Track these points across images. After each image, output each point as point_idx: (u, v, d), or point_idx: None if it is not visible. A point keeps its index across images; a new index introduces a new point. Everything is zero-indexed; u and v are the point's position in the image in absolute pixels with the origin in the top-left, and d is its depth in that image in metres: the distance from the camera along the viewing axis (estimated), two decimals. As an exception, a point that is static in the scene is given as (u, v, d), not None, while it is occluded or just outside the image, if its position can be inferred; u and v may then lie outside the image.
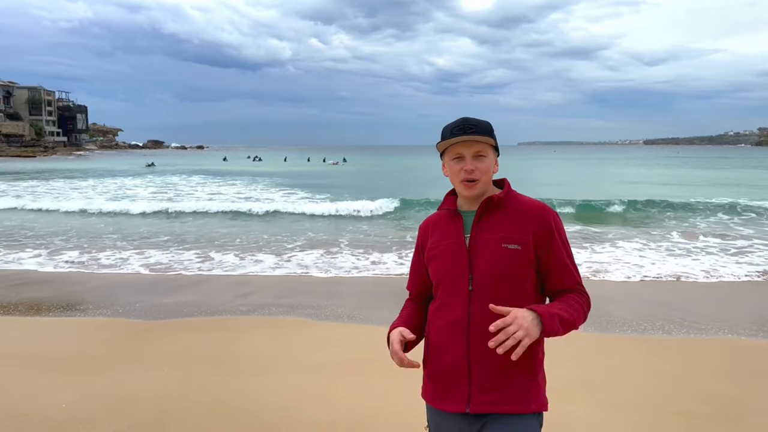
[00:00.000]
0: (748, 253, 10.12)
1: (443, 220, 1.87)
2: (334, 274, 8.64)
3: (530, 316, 1.58)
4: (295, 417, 3.69)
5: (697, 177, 36.64)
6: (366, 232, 13.10)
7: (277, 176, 37.07)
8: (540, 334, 1.59)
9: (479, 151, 1.75)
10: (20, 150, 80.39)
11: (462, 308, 1.73)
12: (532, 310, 1.60)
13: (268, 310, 6.54)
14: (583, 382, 4.24)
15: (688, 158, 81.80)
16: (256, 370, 4.57)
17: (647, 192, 22.61)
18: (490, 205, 1.77)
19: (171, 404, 3.89)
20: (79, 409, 3.78)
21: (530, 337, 1.55)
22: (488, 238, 1.74)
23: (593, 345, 5.13)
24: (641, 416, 3.71)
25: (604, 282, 8.03)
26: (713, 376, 4.42)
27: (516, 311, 1.58)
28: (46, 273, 8.70)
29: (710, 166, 53.89)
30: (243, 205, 17.87)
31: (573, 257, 1.82)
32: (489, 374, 1.70)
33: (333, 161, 63.10)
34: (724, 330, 5.67)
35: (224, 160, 67.44)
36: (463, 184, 1.76)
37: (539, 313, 1.60)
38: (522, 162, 64.69)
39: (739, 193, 22.36)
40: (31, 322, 6.05)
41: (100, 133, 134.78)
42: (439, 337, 1.79)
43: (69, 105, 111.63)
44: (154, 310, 6.53)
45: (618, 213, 16.19)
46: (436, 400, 1.81)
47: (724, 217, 15.33)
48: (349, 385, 4.22)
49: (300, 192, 24.85)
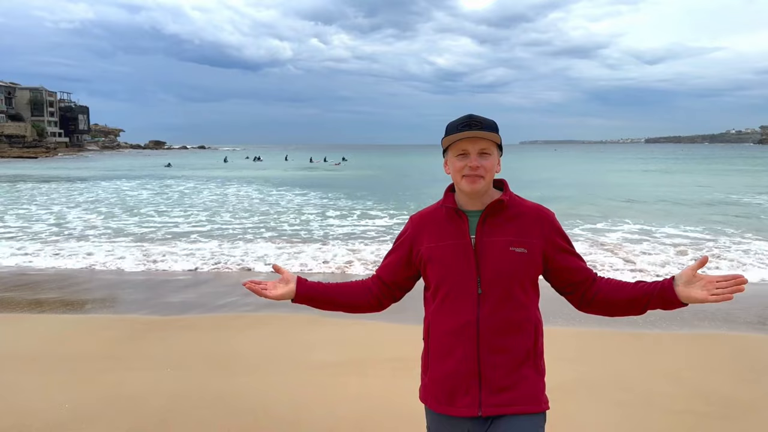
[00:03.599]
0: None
1: (441, 218, 1.82)
2: (335, 273, 8.66)
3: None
4: (297, 416, 3.69)
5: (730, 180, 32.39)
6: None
7: (306, 184, 30.40)
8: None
9: (484, 149, 1.74)
10: (22, 150, 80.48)
11: (471, 311, 1.72)
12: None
13: (269, 309, 6.54)
14: (585, 381, 4.23)
15: (704, 158, 79.49)
16: (258, 369, 4.57)
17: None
18: (497, 208, 1.77)
19: (173, 403, 3.89)
20: (81, 409, 3.79)
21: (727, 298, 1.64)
22: (495, 240, 1.73)
23: (594, 344, 5.12)
24: (643, 415, 3.70)
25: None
26: (716, 374, 4.41)
27: (705, 276, 1.65)
28: (46, 272, 8.72)
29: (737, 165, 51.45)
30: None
31: (575, 248, 1.86)
32: (500, 375, 1.71)
33: (335, 162, 63.08)
34: (726, 326, 5.66)
35: (225, 161, 67.91)
36: (465, 179, 1.74)
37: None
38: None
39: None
40: (32, 322, 6.06)
41: (102, 134, 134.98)
42: (445, 341, 1.77)
43: (71, 105, 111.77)
44: (155, 309, 6.54)
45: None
46: (442, 405, 1.78)
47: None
48: (351, 385, 4.21)
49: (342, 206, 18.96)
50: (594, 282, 1.83)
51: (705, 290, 1.62)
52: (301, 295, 1.91)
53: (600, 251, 10.19)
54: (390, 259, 1.94)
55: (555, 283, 1.86)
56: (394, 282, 1.93)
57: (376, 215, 16.41)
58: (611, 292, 1.79)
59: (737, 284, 1.59)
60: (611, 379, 4.29)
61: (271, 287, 1.89)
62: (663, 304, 1.72)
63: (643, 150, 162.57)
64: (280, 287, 1.90)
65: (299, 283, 1.92)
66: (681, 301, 1.68)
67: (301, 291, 1.91)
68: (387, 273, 1.94)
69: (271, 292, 1.87)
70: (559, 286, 1.86)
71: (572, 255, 1.83)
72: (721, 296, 1.58)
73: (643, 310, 1.76)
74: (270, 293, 1.87)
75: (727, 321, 5.88)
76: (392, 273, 1.92)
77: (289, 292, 1.89)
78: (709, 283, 1.62)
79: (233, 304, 6.83)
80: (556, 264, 1.79)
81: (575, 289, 1.84)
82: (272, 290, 1.88)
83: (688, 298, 1.66)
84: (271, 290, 1.88)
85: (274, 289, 1.89)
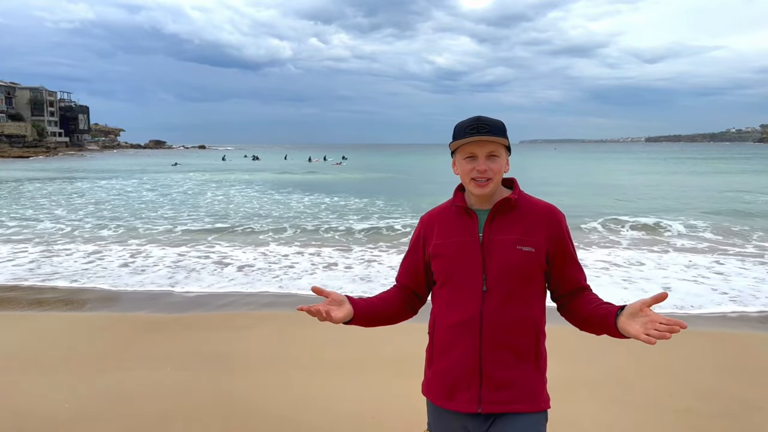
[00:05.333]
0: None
1: (451, 216, 1.84)
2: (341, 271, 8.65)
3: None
4: (297, 416, 3.69)
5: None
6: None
7: (315, 186, 28.81)
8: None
9: (492, 151, 1.74)
10: (22, 150, 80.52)
11: (475, 307, 1.72)
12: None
13: (269, 308, 6.54)
14: (586, 380, 4.23)
15: (706, 158, 76.55)
16: (259, 369, 4.57)
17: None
18: (504, 206, 1.77)
19: (174, 403, 3.89)
20: (82, 409, 3.79)
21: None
22: (502, 238, 1.74)
23: (594, 343, 5.11)
24: (644, 414, 3.70)
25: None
26: (716, 373, 4.40)
27: (651, 313, 1.57)
28: (50, 271, 8.73)
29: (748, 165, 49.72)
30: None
31: (577, 257, 1.85)
32: (501, 373, 1.71)
33: (336, 161, 63.11)
34: (727, 326, 5.66)
35: (223, 159, 68.61)
36: (474, 183, 1.75)
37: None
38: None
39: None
40: (33, 321, 6.07)
41: (102, 134, 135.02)
42: (448, 336, 1.78)
43: (71, 105, 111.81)
44: (156, 309, 6.54)
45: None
46: (442, 399, 1.80)
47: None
48: (351, 385, 4.22)
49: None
50: (581, 292, 1.82)
51: (643, 327, 1.55)
52: (358, 315, 1.81)
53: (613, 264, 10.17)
54: (407, 263, 1.95)
55: (548, 285, 1.85)
56: (417, 284, 1.93)
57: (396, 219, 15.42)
58: (579, 305, 1.79)
59: (675, 327, 1.50)
60: (611, 379, 4.29)
61: (331, 310, 1.75)
62: (605, 330, 1.69)
63: (646, 149, 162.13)
64: (336, 310, 1.76)
65: (352, 303, 1.81)
66: (618, 332, 1.63)
67: (357, 311, 1.81)
68: (407, 277, 1.95)
69: (335, 314, 1.74)
70: (550, 288, 1.86)
71: (572, 263, 1.82)
72: (655, 337, 1.49)
73: (594, 331, 1.74)
74: (334, 316, 1.73)
75: (727, 321, 5.88)
76: (413, 276, 1.93)
77: (347, 314, 1.78)
78: (650, 322, 1.54)
79: (233, 303, 6.83)
80: (555, 267, 1.79)
81: (560, 295, 1.85)
82: (334, 313, 1.74)
83: (624, 331, 1.60)
84: (333, 313, 1.74)
85: (336, 312, 1.75)
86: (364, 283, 7.93)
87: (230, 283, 7.94)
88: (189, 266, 9.14)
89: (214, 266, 9.13)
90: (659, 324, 1.52)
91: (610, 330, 1.66)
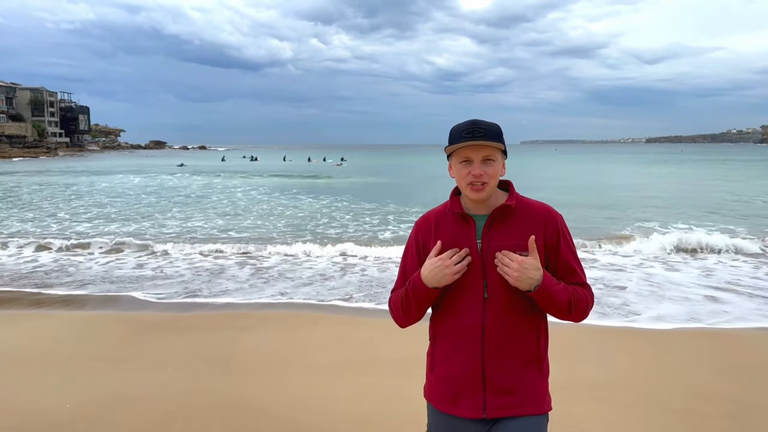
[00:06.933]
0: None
1: (449, 222, 1.81)
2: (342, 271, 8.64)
3: (534, 267, 1.66)
4: (297, 416, 3.69)
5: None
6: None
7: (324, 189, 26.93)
8: (534, 288, 1.67)
9: (488, 156, 1.72)
10: (23, 151, 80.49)
11: (476, 314, 1.72)
12: (540, 269, 1.68)
13: (270, 308, 6.55)
14: (586, 380, 4.23)
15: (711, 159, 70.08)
16: (259, 369, 4.57)
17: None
18: (503, 213, 1.76)
19: (174, 404, 3.89)
20: (83, 409, 3.79)
21: (518, 281, 1.66)
22: (501, 245, 1.73)
23: (595, 343, 5.12)
24: (644, 414, 3.70)
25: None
26: (716, 373, 4.40)
27: (527, 260, 1.66)
28: (50, 271, 8.73)
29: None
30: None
31: (578, 258, 1.84)
32: (505, 378, 1.72)
33: (336, 163, 63.02)
34: (727, 326, 5.66)
35: (222, 160, 68.63)
36: (470, 187, 1.74)
37: (543, 274, 1.68)
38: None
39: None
40: (34, 321, 6.07)
41: (103, 134, 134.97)
42: (450, 342, 1.78)
43: (71, 106, 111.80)
44: (156, 309, 6.54)
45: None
46: (446, 405, 1.79)
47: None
48: (351, 385, 4.22)
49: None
50: (580, 286, 1.80)
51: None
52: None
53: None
54: (408, 268, 1.89)
55: None
56: None
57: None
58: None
59: (504, 260, 1.67)
60: (611, 379, 4.29)
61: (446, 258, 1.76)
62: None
63: (648, 150, 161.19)
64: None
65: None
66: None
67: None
68: (403, 283, 1.90)
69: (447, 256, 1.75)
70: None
71: (570, 260, 1.80)
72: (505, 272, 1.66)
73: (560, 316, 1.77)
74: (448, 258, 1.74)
75: (727, 320, 5.88)
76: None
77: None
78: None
79: (233, 304, 6.83)
80: (550, 264, 1.77)
81: None
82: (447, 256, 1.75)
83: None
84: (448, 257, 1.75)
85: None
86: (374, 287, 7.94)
87: (233, 285, 7.95)
88: (194, 268, 9.15)
89: (219, 268, 9.14)
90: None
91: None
